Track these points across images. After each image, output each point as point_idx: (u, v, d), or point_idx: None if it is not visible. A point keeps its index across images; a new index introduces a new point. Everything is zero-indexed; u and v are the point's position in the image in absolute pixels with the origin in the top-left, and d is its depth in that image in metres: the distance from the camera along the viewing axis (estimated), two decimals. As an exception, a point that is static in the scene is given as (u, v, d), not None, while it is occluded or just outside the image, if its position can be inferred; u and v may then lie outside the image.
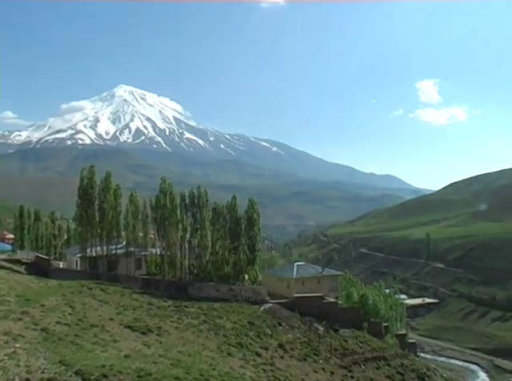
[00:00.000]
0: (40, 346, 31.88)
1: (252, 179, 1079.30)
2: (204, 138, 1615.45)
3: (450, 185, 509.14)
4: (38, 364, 27.30)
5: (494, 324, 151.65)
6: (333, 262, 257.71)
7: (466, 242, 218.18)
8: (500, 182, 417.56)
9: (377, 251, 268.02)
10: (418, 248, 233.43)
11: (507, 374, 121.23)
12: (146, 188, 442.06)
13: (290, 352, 55.32)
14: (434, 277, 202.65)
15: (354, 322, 70.54)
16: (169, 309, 58.47)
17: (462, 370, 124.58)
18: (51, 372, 26.53)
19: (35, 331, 37.00)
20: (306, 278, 77.62)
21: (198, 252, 75.53)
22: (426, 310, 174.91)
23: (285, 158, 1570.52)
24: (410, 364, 65.79)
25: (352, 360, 60.59)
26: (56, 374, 26.47)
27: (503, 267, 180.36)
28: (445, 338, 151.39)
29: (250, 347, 51.75)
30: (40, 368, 26.76)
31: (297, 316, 66.55)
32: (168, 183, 75.07)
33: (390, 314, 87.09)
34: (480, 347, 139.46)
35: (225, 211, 75.81)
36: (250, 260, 75.20)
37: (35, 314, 42.57)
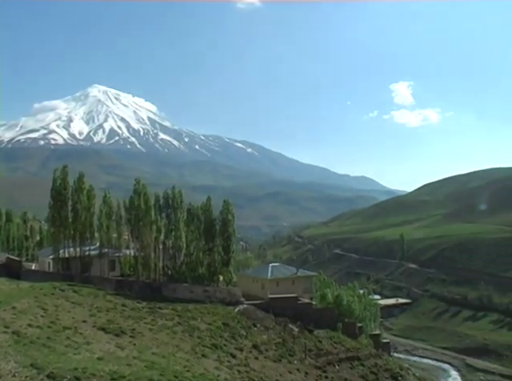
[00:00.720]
0: (11, 350, 31.34)
1: (227, 180, 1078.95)
2: (179, 138, 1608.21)
3: (424, 186, 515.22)
4: (8, 368, 26.86)
5: (465, 323, 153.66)
6: (307, 263, 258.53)
7: (439, 242, 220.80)
8: (472, 184, 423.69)
9: (351, 252, 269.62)
10: (392, 249, 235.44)
11: (478, 373, 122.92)
12: (120, 189, 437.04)
13: (265, 353, 55.35)
14: (408, 277, 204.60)
15: (328, 322, 70.86)
16: (143, 310, 58.02)
17: (434, 370, 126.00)
18: (22, 376, 26.13)
19: (6, 334, 36.38)
20: (280, 279, 77.80)
21: (172, 253, 75.15)
22: (399, 310, 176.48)
23: (259, 159, 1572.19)
24: (384, 364, 66.27)
25: (326, 360, 60.82)
26: (27, 377, 26.08)
27: (475, 268, 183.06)
28: (418, 337, 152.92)
29: (224, 348, 51.63)
30: (11, 372, 26.34)
31: (271, 317, 66.61)
32: (142, 184, 74.56)
33: (364, 315, 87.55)
34: (452, 347, 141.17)
35: (199, 212, 75.59)
36: (225, 261, 75.14)
37: (6, 317, 41.88)
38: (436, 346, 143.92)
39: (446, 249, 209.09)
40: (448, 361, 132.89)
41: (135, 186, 74.30)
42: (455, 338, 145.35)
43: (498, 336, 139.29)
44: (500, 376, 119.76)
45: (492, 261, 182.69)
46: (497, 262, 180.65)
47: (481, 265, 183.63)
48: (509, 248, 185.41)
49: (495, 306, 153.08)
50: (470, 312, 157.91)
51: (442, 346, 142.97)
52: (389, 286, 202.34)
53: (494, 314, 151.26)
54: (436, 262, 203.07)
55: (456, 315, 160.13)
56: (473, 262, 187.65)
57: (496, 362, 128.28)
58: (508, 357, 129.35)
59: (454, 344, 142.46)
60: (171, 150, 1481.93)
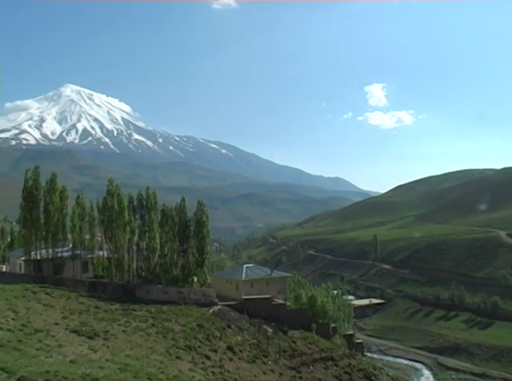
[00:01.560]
0: (-19, 353, 30.78)
1: (201, 181, 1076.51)
2: (153, 139, 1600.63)
3: (397, 187, 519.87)
4: (-22, 372, 26.37)
5: (437, 323, 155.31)
6: (281, 264, 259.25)
7: (412, 243, 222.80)
8: (445, 185, 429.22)
9: (325, 253, 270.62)
10: (366, 250, 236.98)
11: (450, 372, 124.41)
12: (93, 190, 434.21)
13: (239, 354, 55.27)
14: (381, 278, 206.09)
15: (302, 323, 71.11)
16: (116, 312, 57.49)
17: (407, 369, 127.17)
18: (-8, 379, 25.68)
19: (-24, 338, 35.74)
20: (254, 280, 77.85)
21: (146, 254, 74.66)
22: (372, 310, 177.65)
23: (234, 160, 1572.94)
24: (357, 364, 66.70)
25: (300, 361, 60.99)
26: (-3, 381, 25.65)
27: (447, 268, 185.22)
28: (391, 337, 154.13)
29: (198, 350, 51.39)
30: (-20, 376, 25.87)
31: (246, 318, 66.57)
32: (116, 185, 73.96)
33: (338, 315, 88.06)
34: (425, 346, 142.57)
35: (174, 213, 75.22)
36: (199, 262, 74.90)
37: (-24, 320, 41.15)
38: (409, 346, 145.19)
39: (419, 250, 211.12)
40: (421, 360, 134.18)
41: (108, 187, 73.66)
42: (428, 338, 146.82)
43: (469, 335, 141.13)
44: (471, 374, 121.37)
45: (463, 261, 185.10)
46: (468, 263, 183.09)
47: (453, 265, 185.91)
48: (480, 249, 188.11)
49: (466, 306, 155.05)
50: (442, 312, 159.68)
51: (414, 346, 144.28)
52: (362, 287, 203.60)
53: (466, 314, 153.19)
54: (409, 262, 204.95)
55: (428, 315, 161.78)
56: (445, 263, 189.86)
57: (467, 360, 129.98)
58: (479, 355, 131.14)
59: (426, 344, 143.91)
60: (145, 151, 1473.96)
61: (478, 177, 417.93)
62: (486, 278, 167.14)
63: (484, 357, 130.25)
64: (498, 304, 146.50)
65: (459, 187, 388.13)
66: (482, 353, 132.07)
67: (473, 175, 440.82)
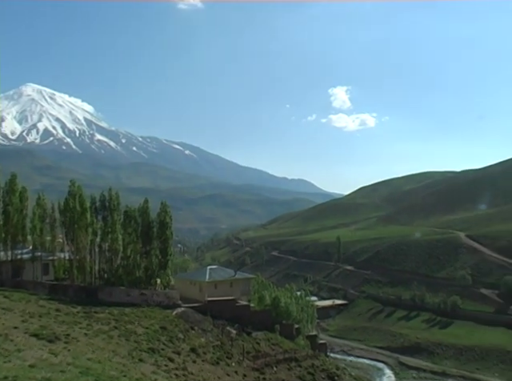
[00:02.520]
0: None
1: (164, 182, 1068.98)
2: (116, 140, 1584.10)
3: (360, 189, 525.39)
4: None
5: (399, 323, 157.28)
6: (245, 266, 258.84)
7: (375, 244, 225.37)
8: (407, 187, 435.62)
9: (289, 254, 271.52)
10: (329, 251, 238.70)
11: (411, 371, 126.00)
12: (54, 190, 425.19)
13: (203, 356, 55.06)
14: (344, 279, 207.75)
15: (266, 324, 71.25)
16: (78, 315, 56.62)
17: (369, 369, 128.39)
18: None
19: None
20: (218, 282, 77.63)
21: (108, 256, 73.79)
22: (335, 311, 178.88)
23: (198, 161, 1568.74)
24: (321, 364, 67.22)
25: (264, 362, 61.12)
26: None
27: (409, 269, 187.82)
28: (353, 337, 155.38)
29: (162, 352, 50.98)
30: None
31: (209, 320, 66.39)
32: (77, 186, 72.83)
33: (302, 316, 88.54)
34: (387, 346, 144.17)
35: (137, 214, 74.47)
36: (162, 264, 74.33)
37: None
38: (371, 346, 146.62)
39: (381, 251, 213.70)
40: (383, 360, 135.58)
41: (70, 188, 72.51)
42: (389, 338, 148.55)
43: (430, 335, 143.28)
44: (431, 373, 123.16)
45: (425, 262, 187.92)
46: (429, 263, 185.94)
47: (414, 266, 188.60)
48: (440, 249, 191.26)
49: (427, 306, 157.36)
50: (403, 312, 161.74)
51: (377, 346, 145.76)
52: (325, 288, 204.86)
53: (426, 314, 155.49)
54: (371, 263, 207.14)
55: (390, 315, 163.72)
56: (406, 264, 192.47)
57: (428, 359, 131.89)
58: (439, 354, 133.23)
59: (388, 343, 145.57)
60: (108, 152, 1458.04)
61: (438, 179, 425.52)
62: (446, 278, 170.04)
63: (444, 356, 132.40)
64: (457, 304, 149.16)
65: (420, 189, 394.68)
66: (441, 352, 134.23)
67: (433, 177, 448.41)
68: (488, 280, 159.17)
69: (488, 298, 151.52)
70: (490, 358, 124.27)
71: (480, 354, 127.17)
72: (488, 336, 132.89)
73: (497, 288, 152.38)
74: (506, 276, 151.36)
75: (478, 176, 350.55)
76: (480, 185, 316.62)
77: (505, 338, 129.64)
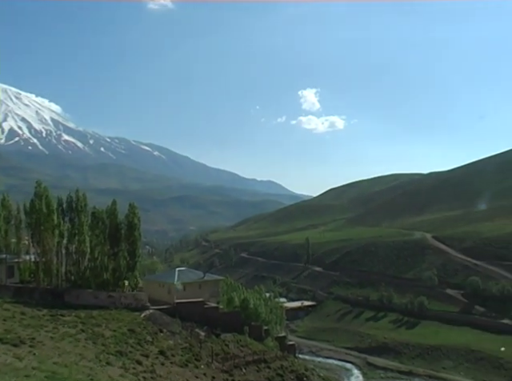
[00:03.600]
0: None
1: (133, 183, 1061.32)
2: (83, 140, 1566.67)
3: (328, 191, 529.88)
4: None
5: (367, 324, 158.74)
6: (214, 267, 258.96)
7: (343, 246, 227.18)
8: (375, 189, 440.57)
9: (258, 256, 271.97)
10: (298, 253, 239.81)
11: (379, 371, 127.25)
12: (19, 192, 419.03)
13: (171, 359, 54.62)
14: (313, 280, 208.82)
15: (235, 326, 71.07)
16: (43, 318, 55.70)
17: (337, 369, 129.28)
18: None
19: None
20: (187, 284, 77.18)
21: (75, 258, 72.69)
22: (304, 312, 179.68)
23: (166, 163, 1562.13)
24: (290, 365, 67.29)
25: (233, 364, 60.94)
26: None
27: (377, 270, 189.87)
28: (322, 338, 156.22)
29: (129, 355, 50.42)
30: None
31: (178, 322, 65.93)
32: (43, 187, 71.61)
33: (271, 318, 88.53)
34: (355, 346, 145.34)
35: (104, 216, 73.52)
36: (131, 266, 73.58)
37: None
38: (340, 347, 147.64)
39: (350, 252, 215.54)
40: (351, 360, 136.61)
41: (36, 189, 71.27)
42: (358, 338, 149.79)
43: (397, 335, 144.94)
44: (398, 372, 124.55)
45: (392, 263, 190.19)
46: (397, 264, 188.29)
47: (382, 267, 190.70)
48: (407, 251, 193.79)
49: (394, 307, 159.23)
50: (371, 313, 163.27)
51: (345, 347, 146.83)
52: (294, 289, 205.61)
53: (394, 314, 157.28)
54: (340, 265, 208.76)
55: (359, 316, 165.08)
56: (375, 265, 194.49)
57: (395, 359, 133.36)
58: (406, 354, 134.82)
59: (356, 344, 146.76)
60: (75, 152, 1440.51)
61: (405, 181, 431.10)
62: (414, 279, 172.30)
63: (410, 355, 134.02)
64: (424, 304, 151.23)
65: (388, 191, 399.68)
66: (408, 351, 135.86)
67: (401, 179, 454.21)
68: (454, 281, 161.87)
69: (454, 298, 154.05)
70: (456, 358, 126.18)
71: (446, 353, 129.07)
72: (453, 336, 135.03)
73: (462, 288, 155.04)
74: (470, 277, 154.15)
75: (444, 178, 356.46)
76: (446, 187, 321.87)
77: (470, 338, 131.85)
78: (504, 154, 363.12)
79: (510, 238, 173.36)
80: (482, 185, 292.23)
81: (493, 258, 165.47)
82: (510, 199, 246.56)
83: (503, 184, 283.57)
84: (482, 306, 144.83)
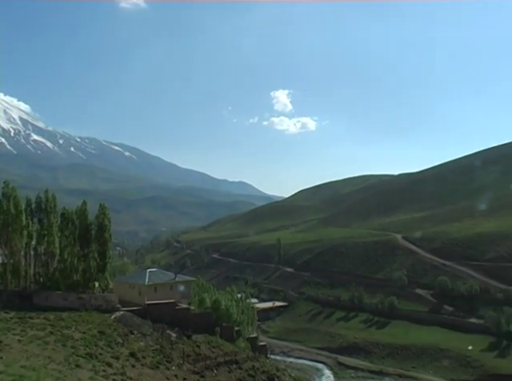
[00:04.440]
0: None
1: (103, 184, 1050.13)
2: (53, 140, 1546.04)
3: (300, 192, 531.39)
4: None
5: (338, 324, 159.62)
6: (186, 268, 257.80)
7: (314, 246, 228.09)
8: (346, 190, 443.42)
9: (229, 257, 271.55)
10: (269, 253, 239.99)
11: (349, 370, 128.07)
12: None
13: (142, 360, 54.27)
14: (284, 281, 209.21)
15: (206, 327, 70.92)
16: (11, 321, 54.88)
17: (309, 369, 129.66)
18: None
19: None
20: (158, 285, 76.74)
21: (44, 260, 71.80)
22: (276, 313, 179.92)
23: (137, 163, 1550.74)
24: (261, 366, 67.42)
25: (204, 365, 60.82)
26: None
27: (347, 270, 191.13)
28: (293, 339, 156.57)
29: (100, 357, 49.96)
30: None
31: (149, 323, 65.54)
32: (11, 187, 70.44)
33: (242, 319, 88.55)
34: (326, 346, 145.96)
35: (74, 217, 72.75)
36: (101, 267, 72.96)
37: None
38: (311, 347, 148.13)
39: (321, 253, 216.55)
40: (322, 360, 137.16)
41: (4, 190, 70.07)
42: (329, 338, 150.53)
43: (368, 334, 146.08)
44: (368, 372, 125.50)
45: (363, 263, 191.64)
46: (367, 265, 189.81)
47: (353, 267, 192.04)
48: (378, 251, 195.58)
49: (365, 307, 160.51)
50: (342, 313, 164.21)
51: (316, 347, 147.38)
52: (266, 290, 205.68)
53: (364, 314, 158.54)
54: (311, 265, 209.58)
55: (330, 316, 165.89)
56: (345, 265, 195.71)
57: (365, 359, 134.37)
58: (376, 354, 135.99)
59: (327, 344, 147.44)
60: (44, 152, 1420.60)
61: (376, 182, 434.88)
62: (384, 279, 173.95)
63: (381, 355, 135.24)
64: (394, 304, 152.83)
65: (359, 192, 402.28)
66: (379, 351, 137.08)
67: (372, 181, 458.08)
68: (423, 281, 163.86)
69: (423, 298, 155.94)
70: (425, 357, 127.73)
71: (415, 352, 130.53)
72: (423, 335, 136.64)
73: (431, 288, 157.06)
74: (439, 277, 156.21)
75: (414, 180, 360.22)
76: (416, 188, 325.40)
77: (439, 337, 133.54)
78: (471, 157, 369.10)
79: (477, 239, 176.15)
80: (451, 186, 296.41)
81: (461, 258, 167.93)
82: (477, 200, 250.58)
83: (471, 185, 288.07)
84: (451, 305, 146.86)
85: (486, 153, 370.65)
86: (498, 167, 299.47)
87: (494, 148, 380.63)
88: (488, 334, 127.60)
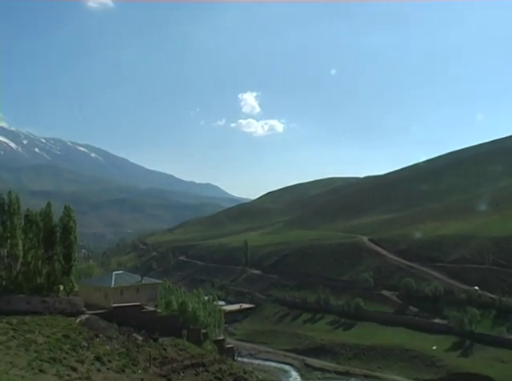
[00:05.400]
0: None
1: (69, 185, 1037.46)
2: (16, 140, 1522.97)
3: (267, 194, 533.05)
4: None
5: (305, 325, 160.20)
6: (152, 271, 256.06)
7: (281, 249, 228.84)
8: (313, 192, 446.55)
9: (196, 259, 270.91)
10: (236, 255, 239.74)
11: (316, 372, 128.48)
12: None
13: (108, 364, 53.58)
14: (251, 283, 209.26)
15: (173, 330, 70.47)
16: (-29, 326, 53.70)
17: (276, 371, 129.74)
18: None
19: None
20: (124, 288, 76.00)
21: (7, 262, 70.19)
22: (243, 315, 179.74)
23: (103, 164, 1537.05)
24: (228, 369, 67.19)
25: (171, 368, 60.34)
26: None
27: (314, 272, 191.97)
28: (261, 341, 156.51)
29: (64, 362, 49.14)
30: None
31: (115, 327, 64.84)
32: (-26, 188, 69.17)
33: (209, 321, 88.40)
34: (293, 348, 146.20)
35: (38, 219, 71.50)
36: (66, 270, 71.90)
37: None
38: (278, 349, 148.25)
39: (288, 255, 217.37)
40: (289, 362, 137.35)
41: (-35, 191, 68.68)
42: (296, 340, 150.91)
43: (334, 336, 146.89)
44: (335, 373, 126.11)
45: (329, 265, 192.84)
46: (334, 267, 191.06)
47: (319, 269, 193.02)
48: (344, 253, 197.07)
49: (332, 308, 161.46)
50: (309, 315, 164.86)
51: (283, 348, 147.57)
52: (233, 292, 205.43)
53: (331, 316, 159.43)
54: (278, 267, 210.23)
55: (297, 318, 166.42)
56: (312, 267, 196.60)
57: (332, 360, 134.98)
58: (342, 355, 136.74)
59: (294, 346, 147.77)
60: (8, 153, 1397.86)
61: (343, 185, 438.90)
62: (350, 281, 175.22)
63: (347, 356, 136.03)
64: (360, 305, 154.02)
65: (326, 194, 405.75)
66: (345, 352, 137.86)
67: (338, 183, 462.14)
68: (389, 282, 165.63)
69: (389, 299, 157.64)
70: (391, 357, 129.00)
71: (381, 353, 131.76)
72: (389, 336, 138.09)
73: (397, 290, 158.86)
74: (405, 278, 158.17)
75: (380, 182, 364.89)
76: (381, 191, 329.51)
77: (404, 338, 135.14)
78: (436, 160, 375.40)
79: (441, 241, 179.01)
80: (416, 189, 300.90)
81: (426, 259, 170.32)
82: (441, 203, 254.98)
83: (435, 188, 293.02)
84: (416, 306, 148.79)
85: (450, 156, 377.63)
86: (462, 170, 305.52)
87: (458, 151, 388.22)
88: (452, 334, 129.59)
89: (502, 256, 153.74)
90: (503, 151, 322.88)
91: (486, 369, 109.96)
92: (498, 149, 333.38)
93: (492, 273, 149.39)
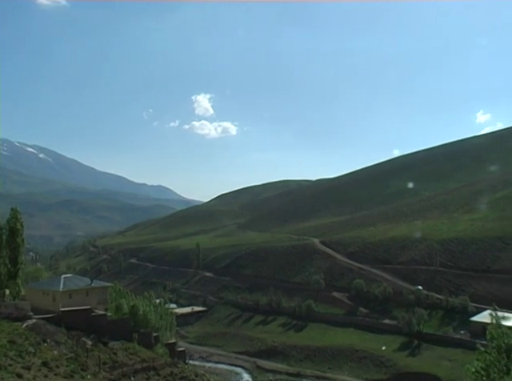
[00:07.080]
0: None
1: (16, 187, 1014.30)
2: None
3: (219, 196, 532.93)
4: None
5: (257, 328, 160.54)
6: (102, 274, 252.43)
7: (234, 251, 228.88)
8: (265, 195, 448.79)
9: (147, 262, 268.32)
10: (189, 258, 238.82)
11: (268, 374, 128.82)
12: None
13: (56, 370, 52.39)
14: (203, 286, 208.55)
15: (123, 333, 69.64)
16: None
17: (227, 374, 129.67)
18: None
19: None
20: (73, 291, 74.59)
21: (-50, 267, 68.36)
22: (195, 318, 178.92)
23: (53, 166, 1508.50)
24: (180, 372, 66.85)
25: (121, 373, 59.57)
26: None
27: (266, 274, 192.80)
28: (213, 344, 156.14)
29: (9, 369, 47.77)
30: None
31: (63, 331, 63.58)
32: None
33: (160, 324, 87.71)
34: (245, 350, 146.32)
35: (-16, 221, 69.80)
36: (12, 273, 70.21)
37: None
38: (230, 351, 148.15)
39: (240, 257, 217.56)
40: (241, 364, 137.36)
41: None
42: (248, 343, 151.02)
43: (286, 338, 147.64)
44: (287, 375, 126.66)
45: (281, 267, 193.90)
46: (285, 269, 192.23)
47: (271, 272, 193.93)
48: (296, 255, 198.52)
49: (283, 310, 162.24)
50: (261, 317, 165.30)
51: (235, 351, 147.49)
52: (185, 295, 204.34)
53: (283, 318, 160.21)
54: (230, 270, 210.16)
55: (249, 320, 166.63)
56: (264, 270, 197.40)
57: (283, 362, 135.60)
58: (294, 356, 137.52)
59: (246, 348, 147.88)
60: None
61: (295, 187, 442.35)
62: (302, 283, 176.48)
63: (298, 357, 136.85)
64: (311, 307, 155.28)
65: (278, 197, 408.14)
66: (296, 354, 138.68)
67: (290, 186, 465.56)
68: (340, 284, 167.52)
69: (339, 300, 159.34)
70: (341, 358, 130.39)
71: (332, 354, 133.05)
72: (339, 337, 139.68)
73: (347, 291, 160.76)
74: (355, 280, 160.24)
75: (332, 185, 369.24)
76: (332, 194, 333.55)
77: (354, 338, 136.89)
78: (386, 163, 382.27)
79: (391, 243, 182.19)
80: (367, 192, 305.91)
81: (375, 261, 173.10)
82: (391, 205, 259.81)
83: (385, 191, 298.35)
84: (366, 307, 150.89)
85: (400, 160, 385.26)
86: (411, 174, 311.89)
87: (408, 155, 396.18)
88: (400, 334, 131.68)
89: (449, 258, 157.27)
90: (451, 155, 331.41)
91: (434, 368, 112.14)
92: (447, 152, 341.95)
93: (439, 274, 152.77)
